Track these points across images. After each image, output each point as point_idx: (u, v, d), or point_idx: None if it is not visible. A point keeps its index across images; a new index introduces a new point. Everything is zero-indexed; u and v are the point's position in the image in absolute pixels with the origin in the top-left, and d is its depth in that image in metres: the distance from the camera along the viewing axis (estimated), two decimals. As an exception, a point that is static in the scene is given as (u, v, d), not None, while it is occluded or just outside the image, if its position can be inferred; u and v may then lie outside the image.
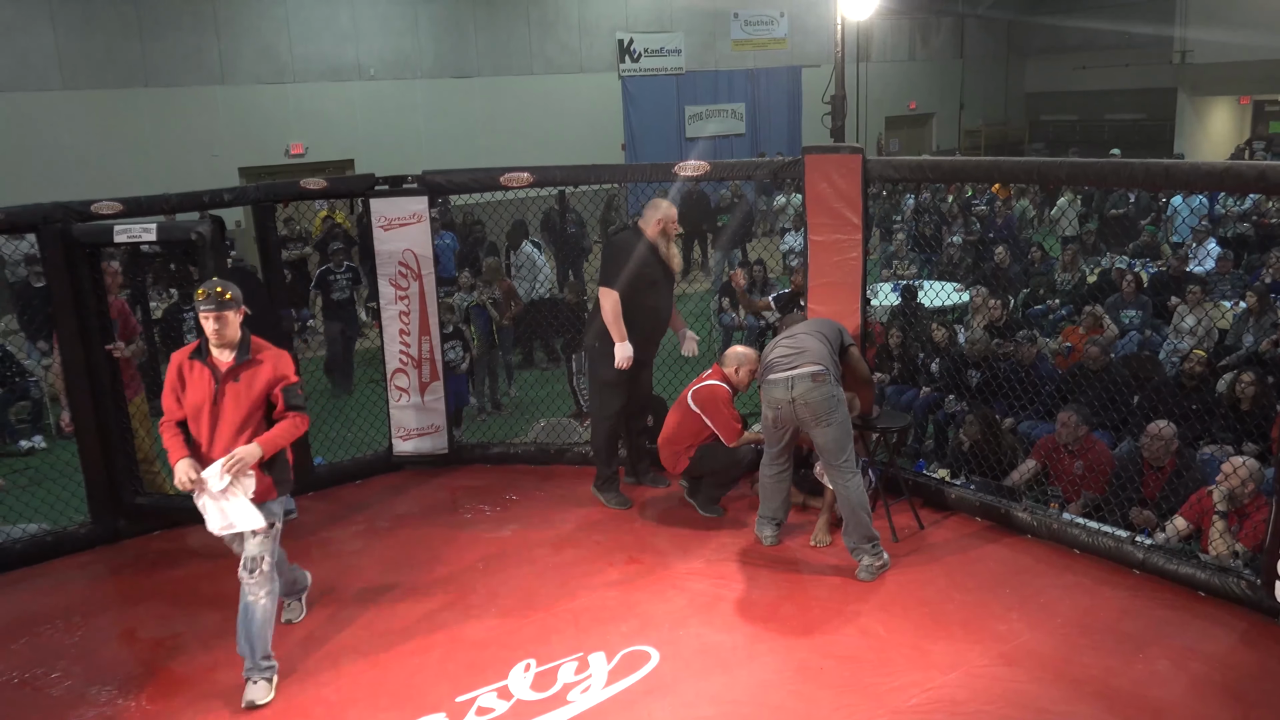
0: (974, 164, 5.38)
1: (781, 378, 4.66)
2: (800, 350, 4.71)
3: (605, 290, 5.18)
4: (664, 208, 5.33)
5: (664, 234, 5.28)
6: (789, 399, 4.64)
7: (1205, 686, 3.73)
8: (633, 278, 5.19)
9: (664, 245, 5.29)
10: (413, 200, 5.96)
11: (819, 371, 4.61)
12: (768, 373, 4.75)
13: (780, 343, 4.86)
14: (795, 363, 4.67)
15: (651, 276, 5.24)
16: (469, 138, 15.03)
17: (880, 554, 4.73)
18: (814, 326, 4.94)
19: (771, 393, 4.72)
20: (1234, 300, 9.00)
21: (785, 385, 4.65)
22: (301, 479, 5.83)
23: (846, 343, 4.96)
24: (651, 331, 5.37)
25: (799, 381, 4.62)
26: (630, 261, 5.19)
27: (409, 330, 6.05)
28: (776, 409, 4.72)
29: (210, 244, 4.72)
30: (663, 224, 5.27)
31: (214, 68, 13.77)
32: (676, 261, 5.36)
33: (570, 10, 17.00)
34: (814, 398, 4.59)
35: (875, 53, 20.95)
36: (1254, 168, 4.08)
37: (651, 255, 5.25)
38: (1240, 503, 4.60)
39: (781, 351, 4.77)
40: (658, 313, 5.35)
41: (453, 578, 4.82)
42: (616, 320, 5.16)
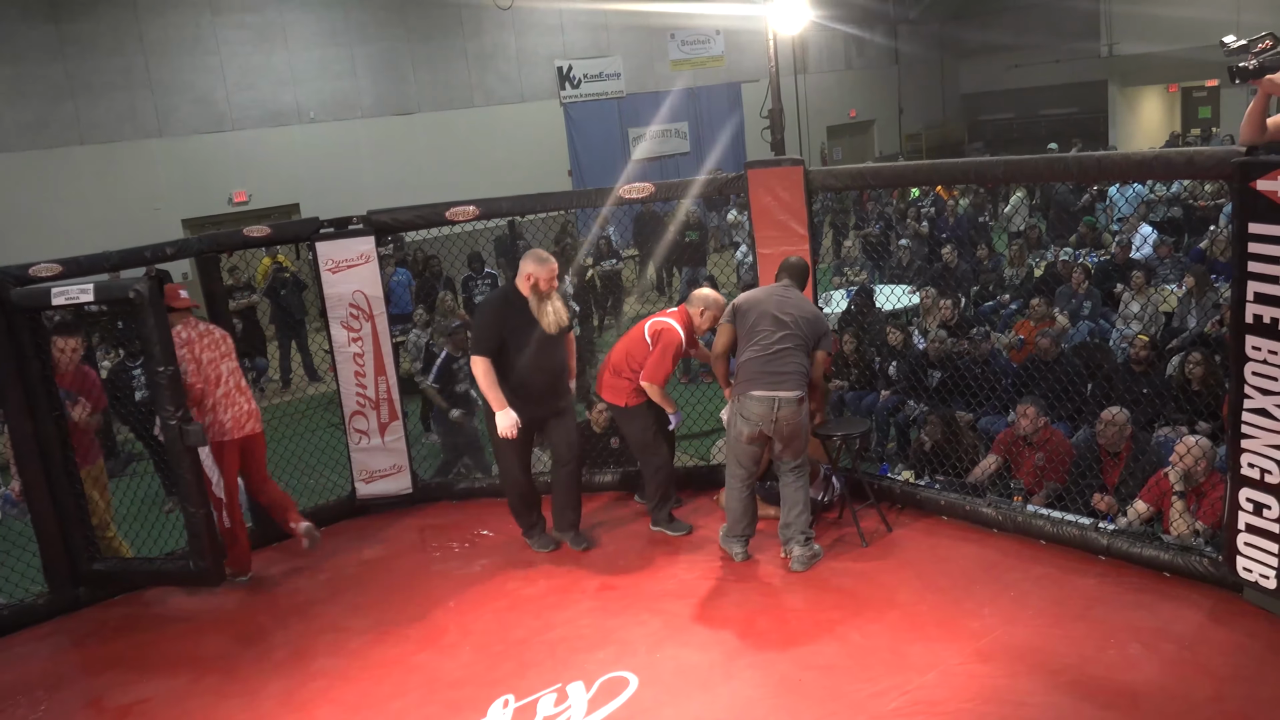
0: (913, 168, 5.45)
1: (765, 396, 4.68)
2: (784, 366, 4.69)
3: (475, 358, 4.91)
4: (533, 263, 4.94)
5: (535, 290, 4.91)
6: (772, 418, 4.69)
7: (1178, 666, 3.77)
8: (507, 339, 4.90)
9: (534, 302, 4.92)
10: (359, 241, 5.92)
11: (801, 396, 4.71)
12: (749, 386, 4.72)
13: (761, 342, 4.74)
14: (781, 384, 4.67)
15: (528, 335, 4.91)
16: (414, 174, 15.00)
17: (811, 545, 4.87)
18: (798, 327, 4.77)
19: (753, 409, 4.71)
20: (1177, 283, 9.19)
21: (770, 404, 4.68)
22: (263, 531, 5.77)
23: (821, 346, 4.87)
24: (547, 389, 5.07)
25: (785, 404, 4.67)
26: (499, 323, 4.92)
27: (364, 372, 6.00)
28: (756, 423, 4.72)
29: (150, 301, 4.65)
30: (533, 279, 4.90)
31: (150, 121, 13.64)
32: (549, 320, 4.93)
33: (507, 42, 17.07)
34: (795, 420, 4.72)
35: (812, 64, 21.23)
36: (1182, 154, 4.19)
37: (520, 314, 4.92)
38: (1196, 482, 4.67)
39: (763, 362, 4.71)
40: (550, 370, 5.05)
41: (425, 617, 4.76)
42: (490, 388, 4.87)
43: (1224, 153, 3.94)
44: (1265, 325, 3.75)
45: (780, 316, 4.77)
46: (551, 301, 4.95)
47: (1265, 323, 3.74)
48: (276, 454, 6.26)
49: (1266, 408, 3.80)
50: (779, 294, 4.90)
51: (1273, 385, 3.76)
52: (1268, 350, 3.75)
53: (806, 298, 5.04)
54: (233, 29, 14.19)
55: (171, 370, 4.85)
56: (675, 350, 5.22)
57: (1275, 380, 3.74)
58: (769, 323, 4.77)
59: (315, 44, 15.00)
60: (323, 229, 5.94)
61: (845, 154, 22.48)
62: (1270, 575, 3.92)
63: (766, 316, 4.78)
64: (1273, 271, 3.68)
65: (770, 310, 4.79)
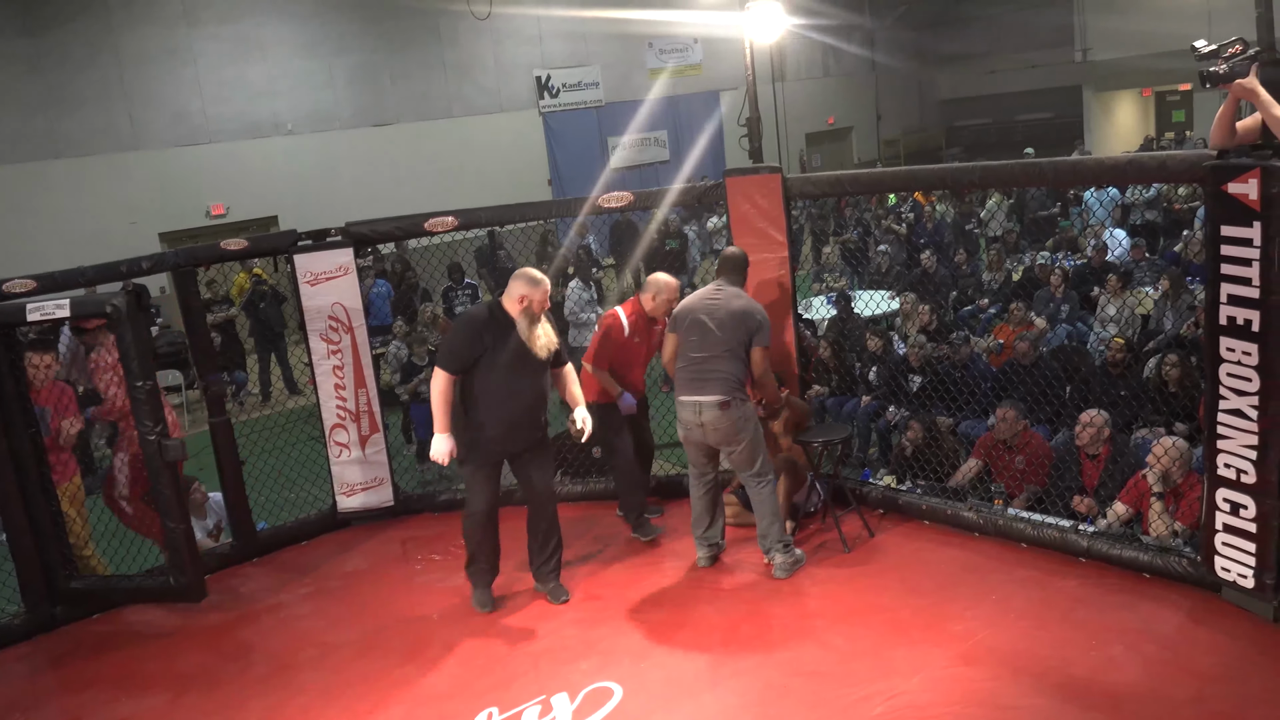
0: (890, 174, 5.49)
1: (690, 401, 4.72)
2: (708, 373, 4.68)
3: (437, 371, 4.52)
4: (526, 284, 4.52)
5: (526, 312, 4.51)
6: (698, 423, 4.72)
7: (1160, 666, 3.80)
8: (483, 359, 4.51)
9: (524, 325, 4.51)
10: (338, 253, 5.90)
11: (724, 401, 4.66)
12: (678, 392, 4.79)
13: (689, 350, 4.76)
14: (703, 389, 4.68)
15: (509, 359, 4.50)
16: (393, 185, 14.95)
17: (792, 551, 4.86)
18: (724, 331, 4.71)
19: (681, 413, 4.80)
20: (1153, 286, 9.28)
21: (694, 409, 4.72)
22: (245, 545, 5.74)
23: (755, 343, 4.73)
24: (524, 418, 4.63)
25: (706, 409, 4.68)
26: (476, 341, 4.51)
27: (344, 384, 5.97)
28: (686, 429, 4.81)
29: (127, 315, 4.61)
30: (526, 301, 4.50)
31: (125, 134, 13.54)
32: (540, 344, 4.54)
33: (485, 52, 17.06)
34: (723, 425, 4.69)
35: (790, 72, 21.31)
36: (1155, 158, 4.23)
37: (507, 335, 4.51)
38: (1174, 483, 4.71)
39: (690, 370, 4.74)
40: (529, 398, 4.61)
41: (408, 631, 4.74)
42: (441, 406, 4.47)
43: (1195, 156, 3.99)
44: (1239, 326, 3.78)
45: (707, 322, 4.75)
46: (543, 325, 4.60)
47: (1239, 324, 3.78)
48: (256, 469, 6.24)
49: (1241, 408, 3.83)
50: (709, 297, 4.86)
51: (1247, 386, 3.79)
52: (1241, 351, 3.78)
53: (742, 293, 4.90)
54: (209, 41, 14.12)
55: (150, 385, 4.82)
56: (613, 333, 5.26)
57: (1249, 381, 3.78)
58: (696, 331, 4.78)
59: (293, 55, 14.94)
60: (300, 241, 5.91)
61: (824, 160, 22.57)
62: (1248, 574, 3.96)
63: (695, 324, 4.78)
64: (1244, 274, 3.71)
65: (699, 317, 4.78)
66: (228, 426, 5.74)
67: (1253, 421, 3.80)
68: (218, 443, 5.70)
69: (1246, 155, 3.72)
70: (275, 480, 6.43)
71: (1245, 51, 3.63)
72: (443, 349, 4.73)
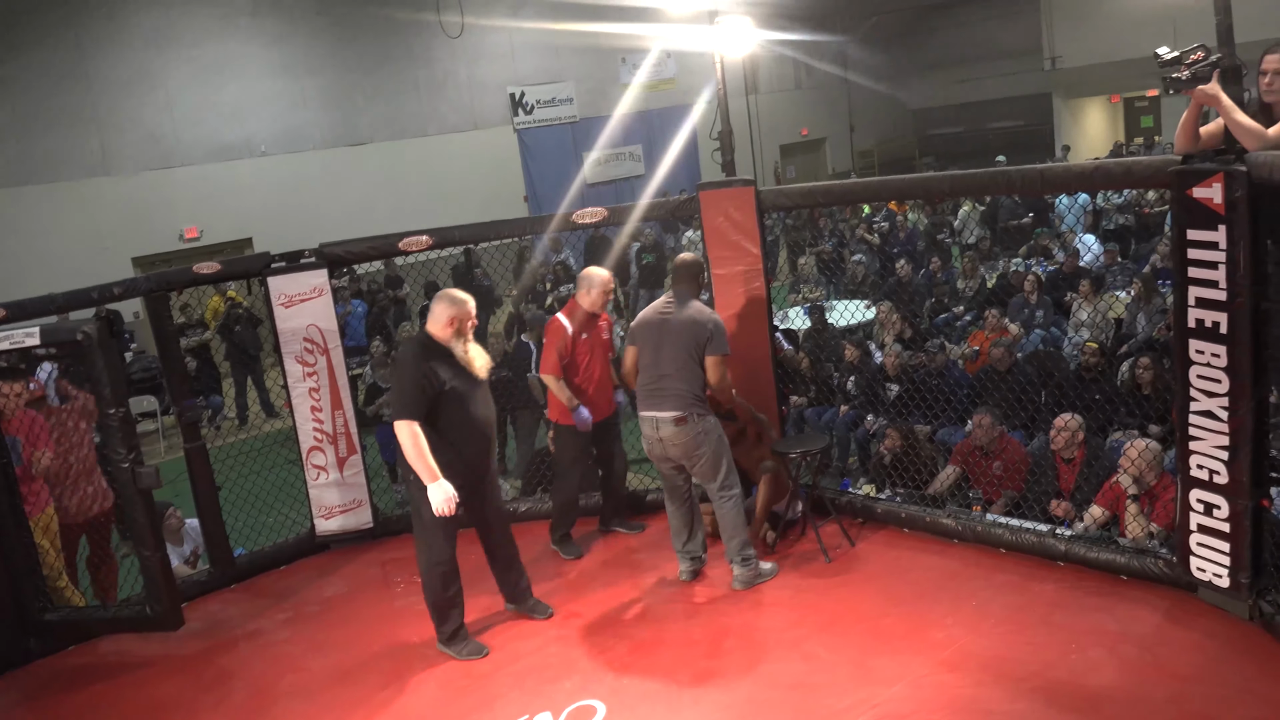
0: (861, 185, 5.52)
1: (648, 417, 4.75)
2: (664, 389, 4.70)
3: (400, 424, 4.24)
4: (450, 305, 4.39)
5: (458, 334, 4.38)
6: (657, 438, 4.75)
7: (1139, 668, 3.82)
8: (438, 396, 4.30)
9: (459, 347, 4.37)
10: (312, 274, 5.87)
11: (680, 416, 4.67)
12: (639, 408, 4.81)
13: (645, 366, 4.76)
14: (660, 405, 4.71)
15: (460, 386, 4.36)
16: (368, 205, 14.91)
17: (752, 565, 4.87)
18: (677, 347, 4.67)
19: (642, 429, 4.83)
20: (1126, 290, 9.37)
21: (652, 424, 4.76)
22: (222, 571, 5.68)
23: (708, 352, 4.68)
24: (486, 447, 4.55)
25: (664, 425, 4.71)
26: (426, 378, 4.28)
27: (321, 406, 5.93)
28: (648, 444, 4.83)
29: (98, 342, 4.57)
30: (455, 322, 4.36)
31: (96, 159, 13.45)
32: (480, 363, 4.45)
33: (459, 70, 17.07)
34: (681, 440, 4.71)
35: (763, 84, 21.47)
36: (1121, 164, 4.28)
37: (448, 365, 4.35)
38: (1148, 485, 4.75)
39: (645, 381, 4.76)
40: (487, 423, 4.51)
41: (389, 654, 4.70)
42: (421, 458, 4.20)
43: (1160, 162, 4.03)
44: (1207, 329, 3.82)
45: (660, 337, 4.75)
46: (473, 343, 4.47)
47: (1207, 326, 3.82)
48: (233, 494, 6.19)
49: (1212, 410, 3.87)
50: (662, 310, 4.85)
51: (1216, 388, 3.83)
52: (1210, 354, 3.83)
53: (694, 303, 4.82)
54: (180, 64, 14.07)
55: (123, 412, 4.78)
56: (556, 335, 5.26)
57: (1219, 383, 3.82)
58: (651, 344, 4.78)
59: (264, 77, 14.90)
60: (274, 264, 5.88)
61: (799, 172, 22.70)
62: (1223, 574, 3.99)
63: (649, 340, 4.79)
64: (1211, 276, 3.76)
65: (652, 332, 4.79)
66: (203, 452, 5.69)
67: (1223, 422, 3.84)
68: (193, 468, 5.65)
69: (1210, 160, 3.77)
70: (252, 505, 6.38)
71: (1207, 58, 3.68)
72: (395, 400, 4.40)
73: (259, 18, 14.81)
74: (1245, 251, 3.65)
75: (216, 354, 11.35)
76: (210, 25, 14.35)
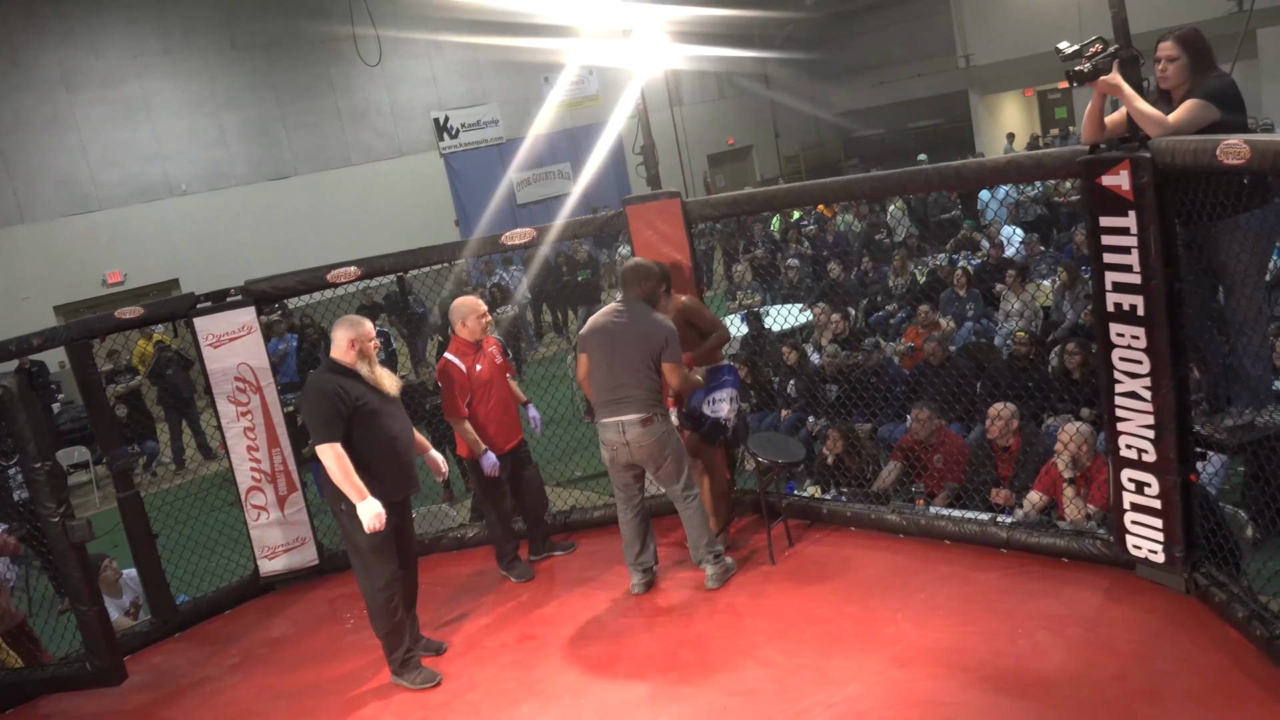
0: (785, 191, 5.58)
1: (612, 422, 4.74)
2: (624, 396, 4.70)
3: (323, 449, 4.25)
4: (349, 328, 4.45)
5: (361, 355, 4.43)
6: (623, 442, 4.74)
7: (1084, 648, 3.90)
8: (353, 417, 4.32)
9: (365, 368, 4.43)
10: (239, 313, 5.77)
11: (646, 418, 4.70)
12: (599, 415, 4.80)
13: (600, 374, 4.75)
14: (623, 409, 4.71)
15: (370, 406, 4.38)
16: (296, 239, 14.74)
17: (723, 561, 4.94)
18: (631, 357, 4.69)
19: (605, 435, 4.80)
20: (1050, 278, 9.60)
21: (617, 429, 4.74)
22: (164, 620, 5.54)
23: (665, 359, 4.70)
24: (406, 463, 4.54)
25: (629, 427, 4.71)
26: (340, 401, 4.28)
27: (257, 445, 5.83)
28: (612, 450, 4.80)
29: (19, 396, 4.44)
30: (356, 344, 4.42)
31: (10, 207, 13.12)
32: (389, 381, 4.50)
33: (380, 98, 16.96)
34: (647, 441, 4.72)
35: (687, 96, 21.66)
36: (1032, 157, 4.40)
37: (358, 384, 4.39)
38: (1083, 467, 4.86)
39: (603, 388, 4.75)
40: (402, 439, 4.53)
41: (342, 691, 4.61)
42: (348, 477, 4.23)
43: (1069, 153, 4.15)
44: (1125, 311, 3.93)
45: (612, 346, 4.74)
46: (378, 365, 4.53)
47: (1125, 309, 3.93)
48: (173, 540, 6.03)
49: (1136, 390, 3.98)
50: (613, 318, 4.81)
51: (1138, 369, 3.94)
52: (1130, 336, 3.93)
53: (647, 310, 4.80)
54: (91, 105, 13.79)
55: (49, 465, 4.65)
56: (451, 375, 5.21)
57: (1140, 364, 3.93)
58: (605, 353, 4.77)
59: (181, 114, 14.66)
60: (199, 304, 5.77)
61: (727, 180, 22.93)
62: (1158, 549, 4.09)
63: (601, 347, 4.78)
64: (1125, 261, 3.87)
65: (604, 339, 4.78)
66: (137, 500, 5.55)
67: (1147, 402, 3.95)
68: (128, 517, 5.51)
69: (1116, 148, 3.89)
70: (193, 550, 6.24)
71: (1106, 50, 3.80)
72: (313, 426, 4.32)
73: (172, 55, 14.58)
74: (1155, 235, 3.77)
75: (148, 399, 11.09)
76: (122, 65, 14.09)
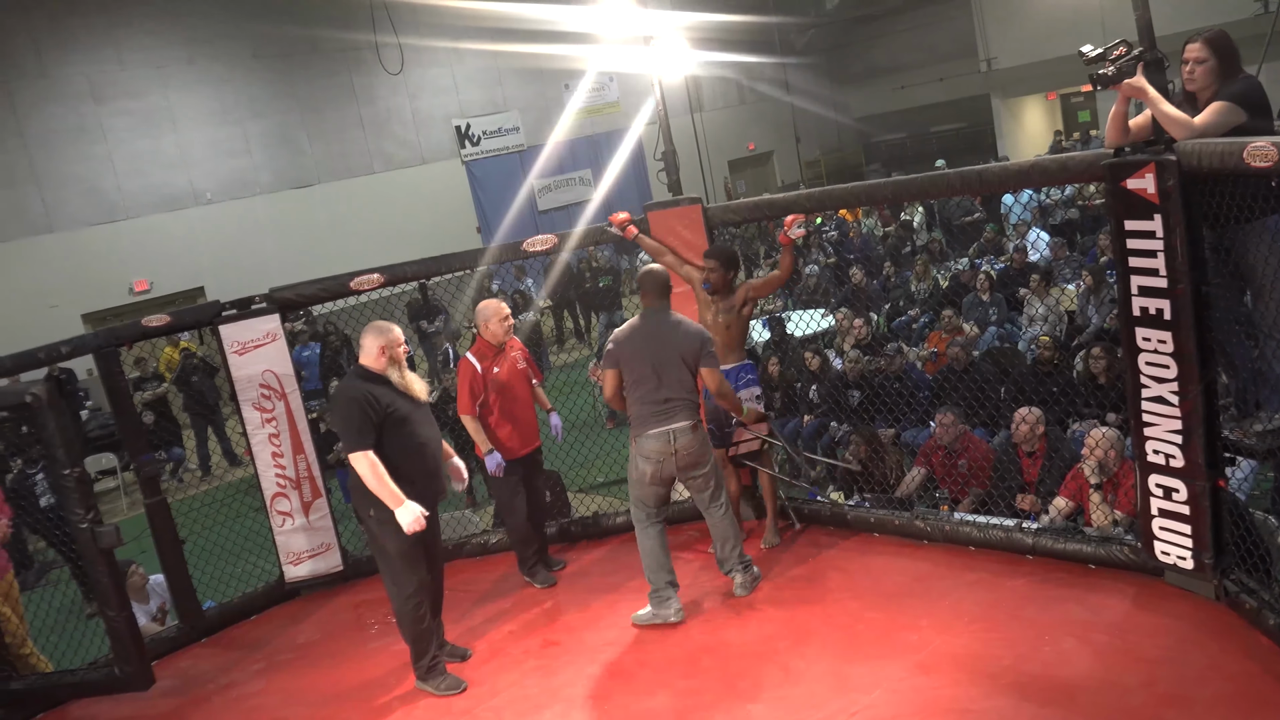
0: (806, 196, 5.56)
1: (661, 432, 4.61)
2: (672, 405, 4.62)
3: (356, 456, 4.24)
4: (378, 335, 4.44)
5: (392, 362, 4.44)
6: (671, 451, 4.63)
7: (1110, 655, 3.86)
8: (381, 426, 4.29)
9: (396, 374, 4.41)
10: (264, 320, 5.83)
11: (694, 424, 4.66)
12: (643, 427, 4.65)
13: (641, 386, 4.65)
14: (672, 418, 4.62)
15: (401, 412, 4.38)
16: (319, 246, 14.84)
17: (751, 569, 4.93)
18: (675, 365, 4.63)
19: (650, 446, 4.63)
20: (1075, 282, 9.53)
21: (667, 438, 4.61)
22: (191, 625, 5.59)
23: (704, 365, 4.68)
24: (436, 468, 4.54)
25: (680, 435, 4.62)
26: (370, 408, 4.27)
27: (282, 452, 5.87)
28: (658, 462, 4.64)
29: (48, 404, 4.50)
30: (386, 351, 4.39)
31: (39, 217, 13.29)
32: (419, 387, 4.48)
33: (402, 106, 17.07)
34: (695, 446, 4.66)
35: (707, 102, 21.65)
36: (1056, 161, 4.36)
37: (388, 391, 4.39)
38: (1110, 472, 4.82)
39: (650, 400, 4.63)
40: (431, 445, 4.51)
41: (366, 697, 4.63)
42: (383, 484, 4.23)
43: (1094, 156, 4.12)
44: (1151, 316, 3.90)
45: (652, 355, 4.64)
46: (408, 370, 4.50)
47: (1151, 313, 3.90)
48: (199, 546, 6.09)
49: (1163, 395, 3.94)
50: (647, 328, 4.72)
51: (1165, 373, 3.90)
52: (1157, 340, 3.90)
53: (678, 314, 4.80)
54: (117, 116, 13.95)
55: (79, 472, 4.70)
56: (466, 377, 5.27)
57: (1167, 368, 3.89)
58: (643, 365, 4.65)
59: (205, 124, 14.81)
60: (225, 311, 5.83)
61: (748, 186, 22.90)
62: (1187, 556, 4.05)
63: (639, 358, 4.65)
64: (1151, 265, 3.84)
65: (641, 349, 4.66)
66: (164, 506, 5.61)
67: (1174, 407, 3.91)
68: (155, 523, 5.56)
69: (1141, 151, 3.86)
70: (219, 555, 6.29)
71: (1130, 53, 3.77)
72: (345, 433, 4.32)
73: (196, 65, 14.74)
74: (1182, 238, 3.73)
75: (175, 405, 11.20)
76: (148, 76, 14.25)
